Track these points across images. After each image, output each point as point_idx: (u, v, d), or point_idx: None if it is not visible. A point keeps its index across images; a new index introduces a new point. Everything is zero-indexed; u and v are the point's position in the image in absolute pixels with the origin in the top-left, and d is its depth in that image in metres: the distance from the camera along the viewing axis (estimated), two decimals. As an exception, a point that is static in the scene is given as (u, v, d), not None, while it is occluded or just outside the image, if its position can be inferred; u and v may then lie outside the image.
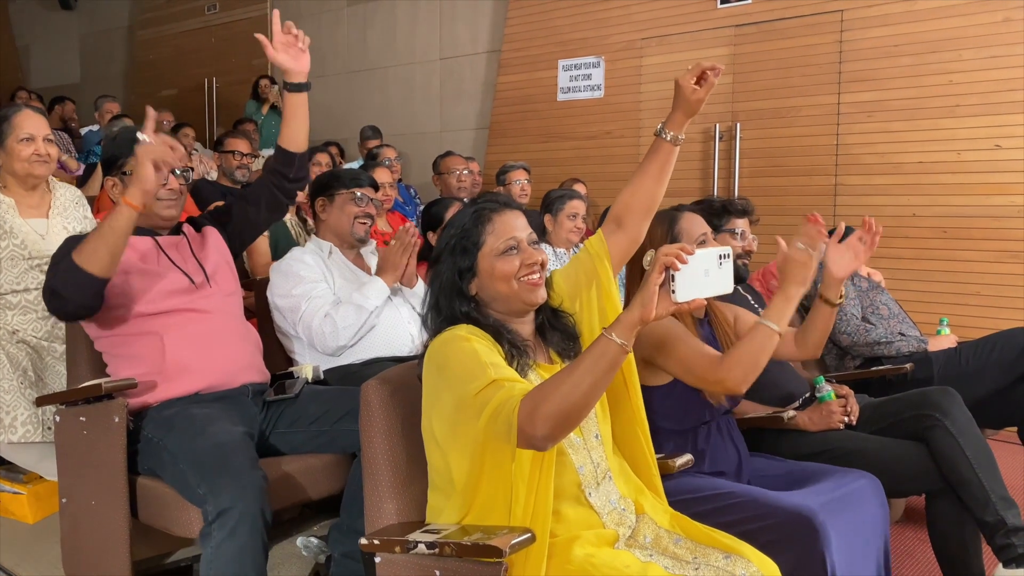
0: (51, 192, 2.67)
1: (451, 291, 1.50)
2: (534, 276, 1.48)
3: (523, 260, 1.47)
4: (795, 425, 2.14)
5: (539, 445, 1.29)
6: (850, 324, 2.80)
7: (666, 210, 1.95)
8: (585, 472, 1.48)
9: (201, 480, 1.72)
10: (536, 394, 1.27)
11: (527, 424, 1.25)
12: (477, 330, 1.44)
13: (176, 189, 2.11)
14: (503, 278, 1.47)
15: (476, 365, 1.35)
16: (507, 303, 1.49)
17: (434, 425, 1.43)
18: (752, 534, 1.53)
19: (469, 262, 1.49)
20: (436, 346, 1.44)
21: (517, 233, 1.50)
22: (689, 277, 1.26)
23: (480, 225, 1.50)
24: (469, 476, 1.39)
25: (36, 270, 2.50)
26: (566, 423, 1.27)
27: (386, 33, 6.75)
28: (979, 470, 1.96)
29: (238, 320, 2.18)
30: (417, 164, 6.26)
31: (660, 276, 1.25)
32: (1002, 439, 2.91)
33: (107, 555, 1.88)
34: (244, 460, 1.75)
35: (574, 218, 3.38)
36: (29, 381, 2.39)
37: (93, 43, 9.14)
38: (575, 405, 1.25)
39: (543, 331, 1.56)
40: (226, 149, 4.22)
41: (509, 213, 1.52)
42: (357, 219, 2.54)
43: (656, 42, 5.15)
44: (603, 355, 1.26)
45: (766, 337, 1.64)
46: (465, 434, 1.37)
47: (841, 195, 4.51)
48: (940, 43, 4.20)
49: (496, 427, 1.30)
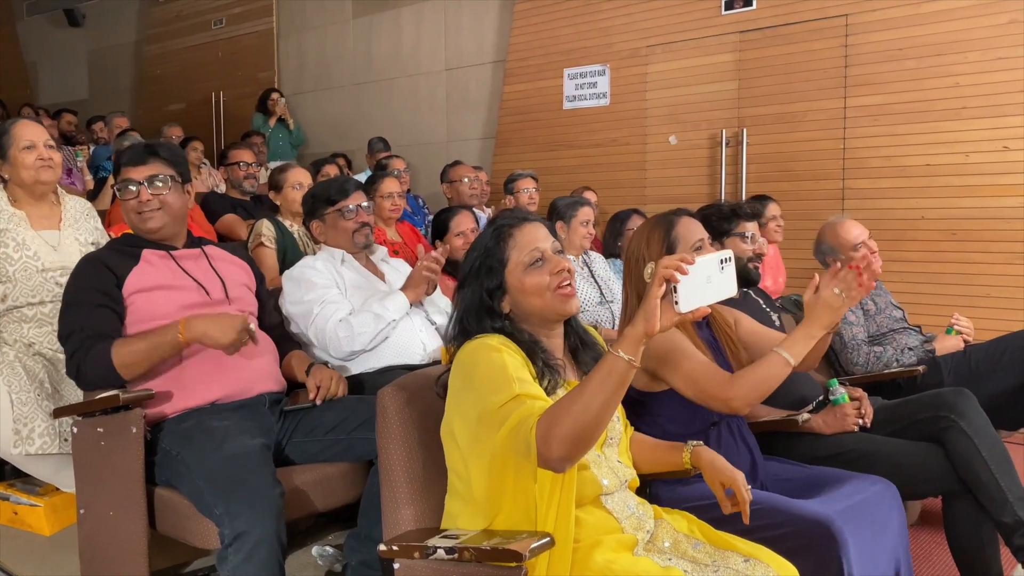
0: (60, 204, 2.69)
1: (480, 311, 1.49)
2: (566, 286, 1.48)
3: (550, 270, 1.47)
4: (809, 428, 2.14)
5: (556, 467, 1.29)
6: (860, 355, 2.80)
7: (663, 215, 1.94)
8: (609, 485, 1.49)
9: (218, 500, 1.72)
10: (550, 415, 1.26)
11: (544, 447, 1.25)
12: (510, 343, 1.44)
13: (149, 200, 2.05)
14: (535, 292, 1.47)
15: (503, 377, 1.35)
16: (541, 316, 1.49)
17: (455, 429, 1.44)
18: (769, 541, 1.52)
19: (497, 281, 1.49)
20: (466, 351, 1.44)
21: (540, 244, 1.50)
22: (691, 286, 1.25)
23: (502, 242, 1.50)
24: (490, 488, 1.39)
25: (51, 282, 2.51)
26: (581, 444, 1.26)
27: (392, 44, 6.79)
28: (996, 471, 1.95)
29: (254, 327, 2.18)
30: (424, 174, 6.29)
31: (661, 289, 1.24)
32: (1017, 440, 2.90)
33: (125, 565, 1.88)
34: (261, 479, 1.75)
35: (586, 225, 3.41)
36: (46, 393, 2.40)
37: (101, 59, 9.22)
38: (588, 425, 1.24)
39: (575, 352, 1.57)
40: (231, 161, 4.22)
41: (529, 225, 1.52)
42: (354, 232, 2.56)
43: (661, 49, 5.17)
44: (611, 372, 1.25)
45: (780, 366, 1.65)
46: (485, 444, 1.37)
47: (849, 199, 4.51)
48: (945, 46, 4.21)
49: (516, 443, 1.30)
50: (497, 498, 1.40)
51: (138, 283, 2.02)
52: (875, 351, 2.81)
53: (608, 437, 1.56)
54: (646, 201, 5.00)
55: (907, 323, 3.03)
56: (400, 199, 3.74)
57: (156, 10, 8.52)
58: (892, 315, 2.99)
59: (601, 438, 1.54)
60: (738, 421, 1.95)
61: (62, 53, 9.51)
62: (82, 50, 9.40)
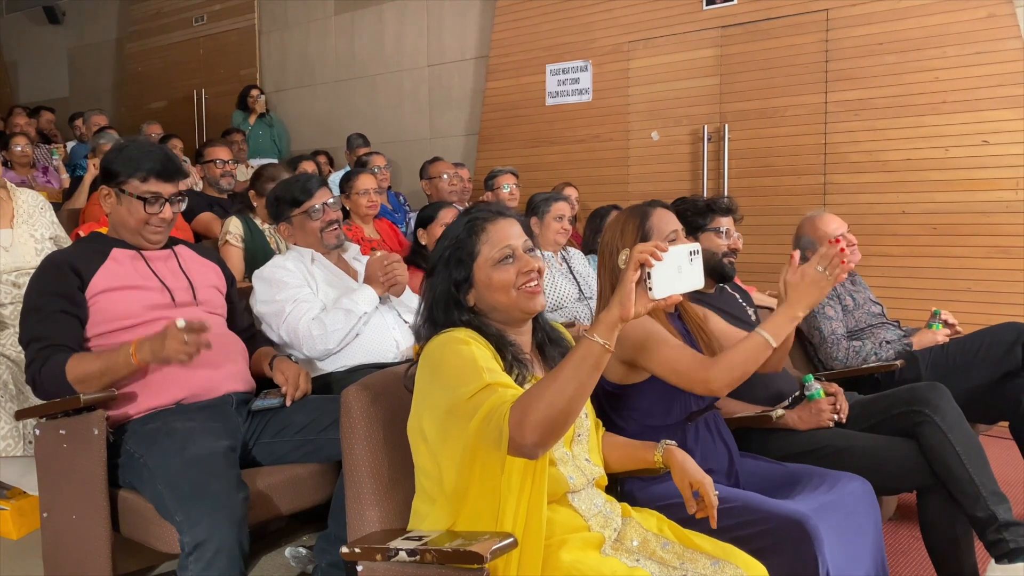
0: (11, 200, 2.62)
1: (447, 302, 1.48)
2: (532, 284, 1.46)
3: (520, 268, 1.46)
4: (784, 424, 2.13)
5: (530, 453, 1.27)
6: (839, 349, 2.78)
7: (638, 205, 1.93)
8: (576, 482, 1.48)
9: (178, 507, 1.70)
10: (523, 401, 1.25)
11: (517, 433, 1.24)
12: (478, 336, 1.42)
13: (169, 218, 2.09)
14: (501, 288, 1.45)
15: (472, 368, 1.34)
16: (506, 312, 1.48)
17: (424, 425, 1.41)
18: (744, 540, 1.52)
19: (465, 273, 1.47)
20: (433, 346, 1.42)
21: (512, 241, 1.48)
22: (664, 274, 1.27)
23: (474, 235, 1.48)
24: (458, 482, 1.37)
25: (7, 284, 2.46)
26: (555, 429, 1.25)
27: (374, 41, 6.75)
28: (969, 465, 1.94)
29: (221, 329, 2.15)
30: (407, 172, 6.25)
31: (636, 274, 1.25)
32: (995, 435, 2.90)
33: (89, 569, 1.85)
34: (224, 484, 1.72)
35: (560, 220, 3.37)
36: (10, 395, 2.36)
37: (81, 57, 9.12)
38: (562, 410, 1.23)
39: (542, 348, 1.56)
40: (207, 159, 4.16)
41: (503, 221, 1.50)
42: (323, 232, 2.52)
43: (643, 45, 5.16)
44: (586, 357, 1.24)
45: (760, 348, 1.63)
46: (456, 437, 1.35)
47: (830, 194, 4.51)
48: (925, 40, 4.21)
49: (488, 432, 1.28)
50: (464, 492, 1.37)
51: (104, 282, 1.99)
52: (854, 346, 2.80)
53: (576, 434, 1.54)
54: (628, 197, 4.98)
55: (886, 318, 3.03)
56: (377, 195, 3.71)
57: (136, 7, 8.44)
58: (871, 310, 2.99)
59: (569, 434, 1.52)
60: (715, 417, 1.94)
61: (42, 51, 9.41)
62: (62, 48, 9.30)
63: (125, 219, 2.06)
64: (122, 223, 2.08)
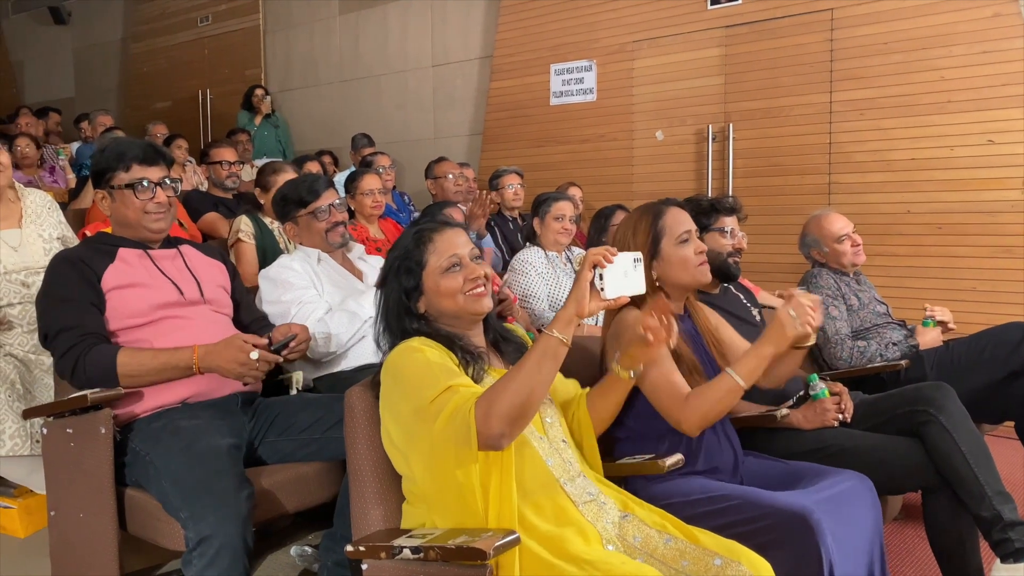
0: (20, 200, 2.63)
1: (399, 310, 1.57)
2: (478, 289, 1.55)
3: (466, 275, 1.54)
4: (789, 423, 2.12)
5: (496, 444, 1.35)
6: (844, 349, 2.79)
7: (652, 203, 1.94)
8: (554, 465, 1.50)
9: (183, 503, 1.71)
10: (488, 395, 1.35)
11: (483, 425, 1.32)
12: (430, 341, 1.50)
13: (164, 202, 2.08)
14: (448, 294, 1.54)
15: (430, 373, 1.42)
16: (456, 316, 1.56)
17: (391, 431, 1.47)
18: (747, 535, 1.52)
19: (415, 282, 1.56)
20: (391, 359, 1.50)
21: (458, 250, 1.57)
22: (614, 277, 1.41)
23: (422, 245, 1.57)
24: (430, 482, 1.43)
25: (16, 284, 2.47)
26: (519, 419, 1.35)
27: (378, 41, 6.76)
28: (974, 465, 1.94)
29: (226, 328, 2.16)
30: (411, 171, 6.26)
31: (590, 273, 1.39)
32: (1000, 434, 2.90)
33: (96, 567, 1.86)
34: (228, 481, 1.73)
35: (560, 219, 3.36)
36: (17, 394, 2.37)
37: (87, 57, 9.16)
38: (525, 400, 1.34)
39: (497, 344, 1.64)
40: (213, 160, 4.17)
41: (449, 231, 1.59)
42: (328, 232, 2.53)
43: (647, 44, 5.16)
44: (545, 351, 1.37)
45: (730, 390, 1.67)
46: (422, 438, 1.41)
47: (835, 193, 4.50)
48: (930, 39, 4.20)
49: (453, 430, 1.35)
50: (437, 492, 1.43)
51: (114, 280, 2.00)
52: (859, 346, 2.80)
53: (546, 420, 1.58)
54: (633, 197, 4.98)
55: (891, 318, 3.02)
56: (382, 196, 3.72)
57: (142, 8, 8.47)
58: (876, 310, 2.98)
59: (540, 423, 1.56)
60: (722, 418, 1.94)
61: (48, 51, 9.45)
62: (68, 48, 9.34)
63: (123, 214, 2.07)
64: (122, 220, 2.09)
